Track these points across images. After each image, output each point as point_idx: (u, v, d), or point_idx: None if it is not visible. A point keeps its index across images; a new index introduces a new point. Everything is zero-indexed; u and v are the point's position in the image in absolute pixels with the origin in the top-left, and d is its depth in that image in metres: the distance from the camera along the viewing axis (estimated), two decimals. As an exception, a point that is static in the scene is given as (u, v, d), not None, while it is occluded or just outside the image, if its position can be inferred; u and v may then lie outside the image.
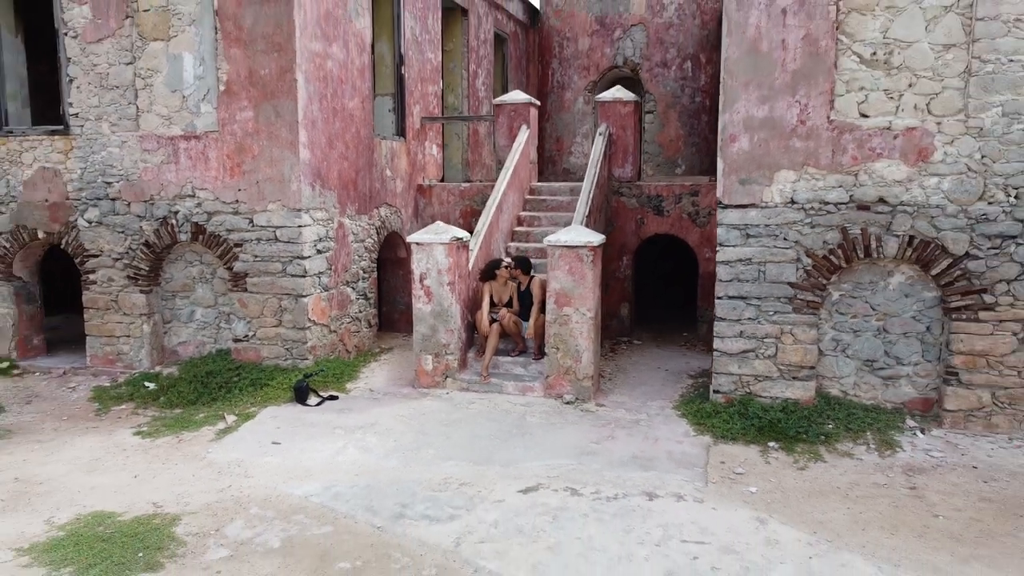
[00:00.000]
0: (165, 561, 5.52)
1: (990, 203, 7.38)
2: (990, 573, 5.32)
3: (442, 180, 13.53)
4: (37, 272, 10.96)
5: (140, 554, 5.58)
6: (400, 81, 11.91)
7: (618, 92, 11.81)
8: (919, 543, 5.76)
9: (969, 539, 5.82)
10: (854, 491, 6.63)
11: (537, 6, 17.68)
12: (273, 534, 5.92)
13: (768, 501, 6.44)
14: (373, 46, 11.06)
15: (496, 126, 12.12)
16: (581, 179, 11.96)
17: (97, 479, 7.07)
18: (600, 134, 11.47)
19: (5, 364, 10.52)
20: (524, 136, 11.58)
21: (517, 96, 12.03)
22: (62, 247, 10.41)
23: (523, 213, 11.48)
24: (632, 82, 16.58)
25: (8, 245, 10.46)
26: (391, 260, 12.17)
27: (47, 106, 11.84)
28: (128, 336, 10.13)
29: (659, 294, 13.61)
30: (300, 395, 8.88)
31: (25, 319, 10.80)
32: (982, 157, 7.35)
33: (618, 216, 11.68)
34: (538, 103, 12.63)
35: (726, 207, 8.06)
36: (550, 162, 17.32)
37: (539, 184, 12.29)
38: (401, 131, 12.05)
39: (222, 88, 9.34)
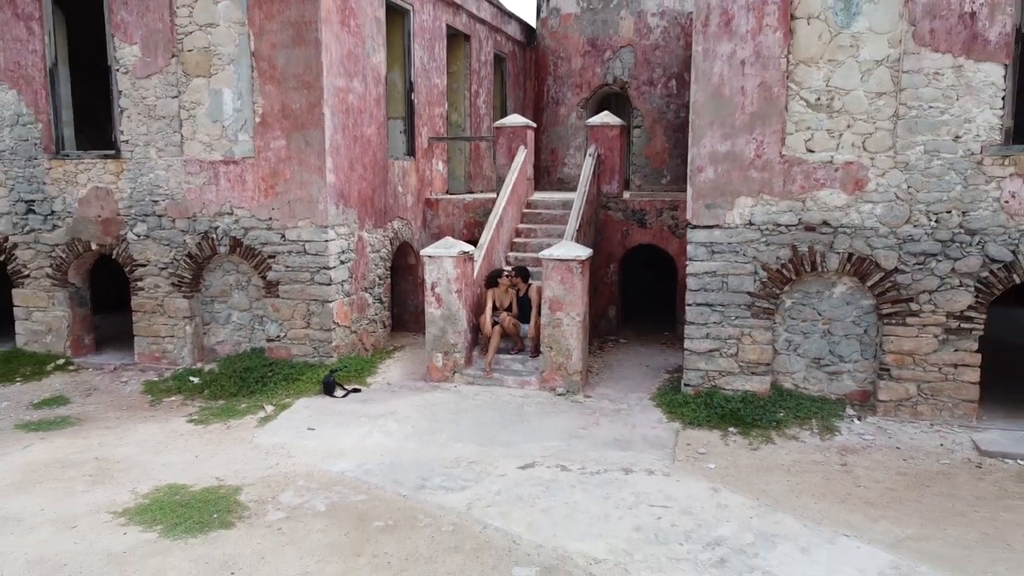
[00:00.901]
0: (235, 521, 6.88)
1: (915, 226, 8.77)
2: (891, 527, 6.71)
3: (447, 192, 14.88)
4: (88, 279, 12.30)
5: (214, 515, 6.95)
6: (410, 106, 13.25)
7: (606, 117, 13.17)
8: (840, 507, 7.15)
9: (882, 503, 7.21)
10: (795, 467, 8.03)
11: (534, 26, 18.99)
12: (319, 501, 7.29)
13: (723, 475, 7.83)
14: (386, 76, 12.38)
15: (496, 146, 13.46)
16: (574, 188, 13.32)
17: (164, 458, 8.43)
18: (590, 155, 12.82)
19: (61, 361, 11.87)
20: (522, 156, 12.93)
21: (516, 120, 13.38)
22: (113, 257, 11.76)
23: (521, 225, 12.84)
24: (621, 99, 17.93)
25: (64, 255, 11.80)
26: (402, 267, 13.52)
27: (92, 132, 13.14)
28: (172, 336, 11.48)
29: (643, 297, 14.96)
30: (328, 388, 10.24)
31: (78, 320, 12.14)
32: (908, 187, 8.73)
33: (606, 228, 13.04)
34: (535, 125, 13.99)
35: (695, 227, 9.44)
36: (546, 172, 18.67)
37: (535, 198, 13.65)
38: (411, 151, 13.39)
39: (258, 120, 10.68)
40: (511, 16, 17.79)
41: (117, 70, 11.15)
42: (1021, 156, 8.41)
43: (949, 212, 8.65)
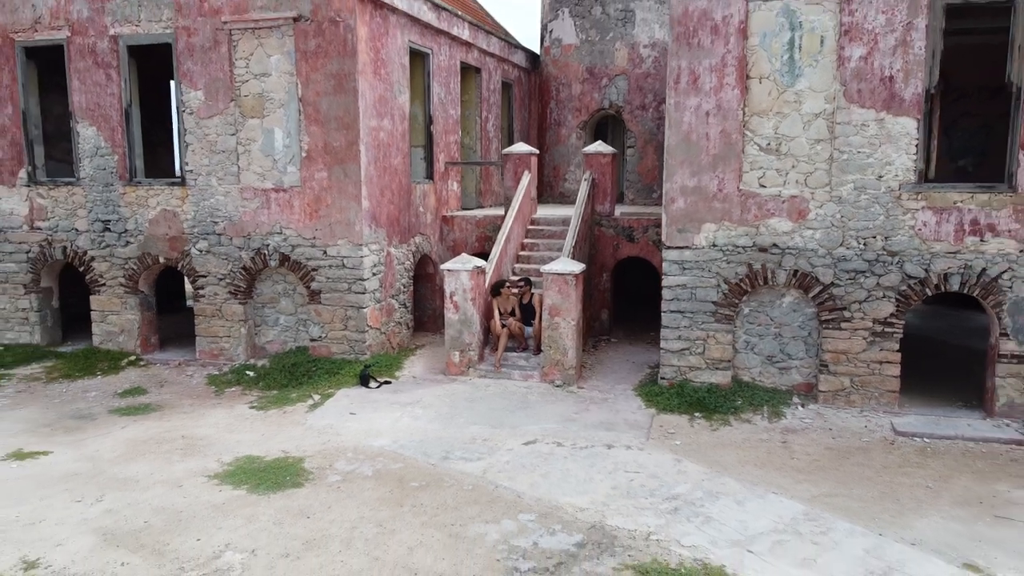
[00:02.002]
0: (303, 482, 8.89)
1: (847, 248, 10.72)
2: (811, 488, 8.69)
3: (461, 208, 16.87)
4: (154, 287, 14.34)
5: (287, 478, 8.96)
6: (429, 136, 15.24)
7: (599, 146, 15.13)
8: (776, 473, 9.12)
9: (808, 471, 9.18)
10: (745, 444, 10.01)
11: (538, 53, 20.93)
12: (366, 468, 9.30)
13: (686, 450, 9.81)
14: (409, 110, 14.36)
15: (504, 171, 15.45)
16: (574, 201, 15.25)
17: (237, 436, 10.46)
18: (585, 179, 14.79)
19: (133, 357, 13.93)
20: (526, 180, 14.90)
21: (521, 147, 15.35)
22: (178, 269, 13.79)
23: (526, 240, 14.83)
24: (616, 121, 19.88)
25: (135, 267, 13.84)
26: (422, 275, 15.51)
27: (153, 162, 15.16)
28: (229, 336, 13.52)
29: (632, 302, 16.92)
30: (363, 380, 12.26)
31: (146, 323, 14.19)
32: (841, 217, 10.68)
33: (599, 242, 15.02)
34: (537, 152, 15.96)
35: (669, 248, 11.41)
36: (548, 186, 20.63)
37: (538, 215, 15.62)
38: (430, 175, 15.39)
39: (304, 155, 12.69)
40: (517, 46, 19.77)
41: (183, 111, 13.18)
42: (930, 192, 10.36)
43: (874, 237, 10.60)
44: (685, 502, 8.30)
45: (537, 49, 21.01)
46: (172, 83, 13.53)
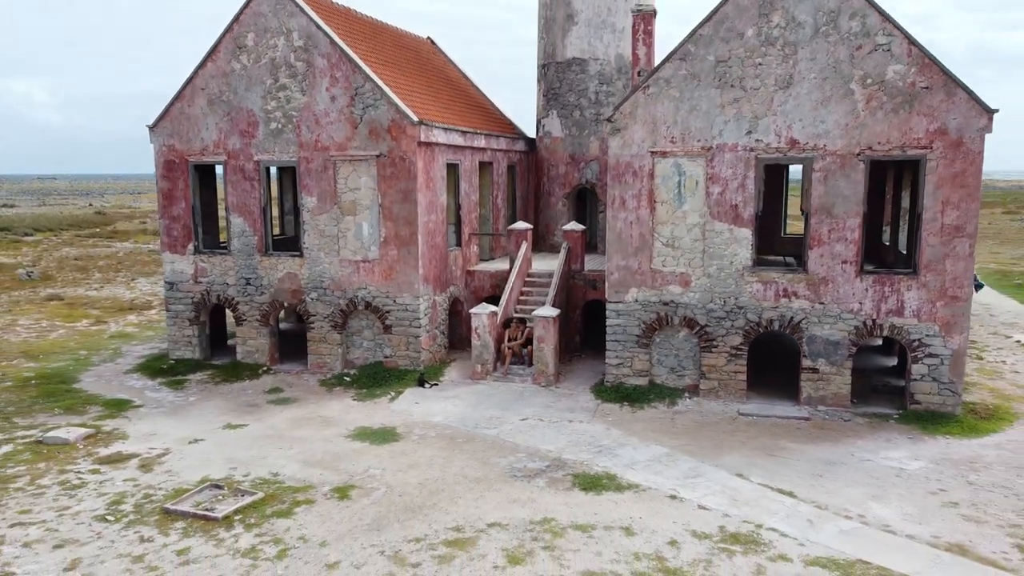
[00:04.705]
0: (398, 438, 16.11)
1: (714, 304, 17.92)
2: (676, 441, 15.85)
3: (480, 260, 24.12)
4: (278, 320, 21.63)
5: (389, 436, 16.18)
6: (458, 217, 22.50)
7: (573, 225, 22.36)
8: (661, 435, 16.30)
9: (679, 434, 16.35)
10: (649, 420, 17.20)
11: (534, 137, 28.13)
12: (431, 432, 16.52)
13: (614, 423, 17.00)
14: (445, 201, 21.59)
15: (509, 240, 22.68)
16: (559, 251, 22.40)
17: (351, 415, 17.70)
18: (564, 247, 22.01)
19: (265, 367, 21.20)
20: (524, 248, 22.12)
21: (521, 225, 22.59)
22: (296, 311, 21.08)
23: (524, 289, 22.06)
24: (591, 193, 27.08)
25: (267, 309, 21.13)
26: (454, 312, 22.75)
27: (283, 241, 22.43)
28: (330, 354, 20.78)
29: (596, 330, 24.08)
30: (420, 382, 19.49)
31: (273, 344, 21.48)
32: (710, 285, 17.89)
33: (573, 290, 22.22)
34: (532, 226, 23.18)
35: (610, 302, 18.63)
36: (542, 238, 27.82)
37: (533, 270, 22.84)
38: (459, 242, 22.65)
39: (381, 239, 19.95)
40: (519, 136, 27.03)
41: (303, 209, 20.48)
42: (760, 272, 17.56)
43: (729, 297, 17.80)
44: (606, 448, 15.53)
45: (533, 134, 28.24)
46: (296, 191, 20.81)
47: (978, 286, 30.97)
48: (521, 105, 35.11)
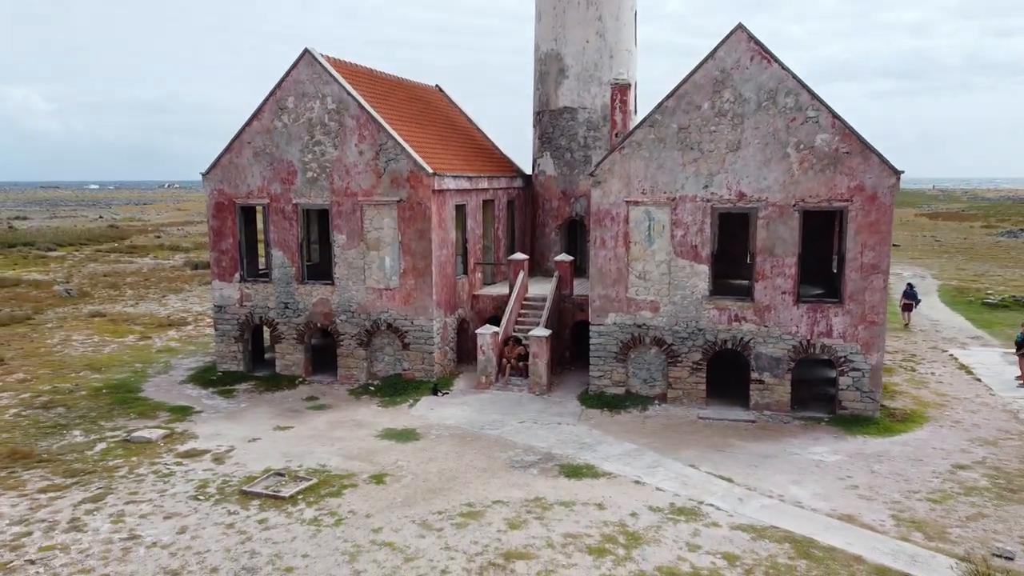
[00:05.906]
0: (419, 438, 19.77)
1: (679, 327, 21.64)
2: (644, 439, 19.53)
3: (484, 285, 27.83)
4: (309, 337, 25.33)
5: (411, 436, 19.86)
6: (465, 249, 26.23)
7: (564, 256, 26.08)
8: (633, 434, 19.98)
9: (647, 434, 20.04)
10: (625, 422, 20.88)
11: (530, 174, 31.85)
12: (444, 432, 20.20)
13: (596, 425, 20.69)
14: (454, 237, 25.29)
15: (509, 269, 26.40)
16: (552, 276, 26.11)
17: (378, 419, 21.38)
18: (555, 276, 25.73)
19: (301, 379, 24.89)
20: (521, 276, 25.84)
21: (519, 256, 26.31)
22: (328, 331, 24.79)
23: (521, 311, 25.76)
24: (580, 225, 30.83)
25: (303, 329, 24.83)
26: (461, 330, 26.44)
27: (317, 268, 26.16)
28: (357, 368, 24.47)
29: (585, 347, 27.74)
30: (434, 391, 23.19)
31: (307, 359, 25.18)
32: (675, 311, 21.61)
33: (564, 312, 25.93)
34: (528, 257, 26.91)
35: (593, 324, 22.35)
36: (537, 264, 31.52)
37: (529, 294, 26.54)
38: (465, 271, 26.37)
39: (401, 271, 23.66)
40: (517, 174, 30.80)
41: (335, 244, 24.20)
42: (716, 300, 21.28)
43: (691, 321, 21.52)
44: (587, 445, 19.21)
45: (529, 170, 31.97)
46: (329, 229, 24.59)
47: (914, 299, 34.77)
48: (520, 135, 38.83)
